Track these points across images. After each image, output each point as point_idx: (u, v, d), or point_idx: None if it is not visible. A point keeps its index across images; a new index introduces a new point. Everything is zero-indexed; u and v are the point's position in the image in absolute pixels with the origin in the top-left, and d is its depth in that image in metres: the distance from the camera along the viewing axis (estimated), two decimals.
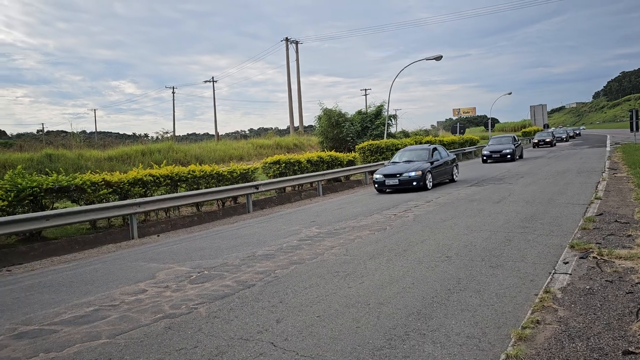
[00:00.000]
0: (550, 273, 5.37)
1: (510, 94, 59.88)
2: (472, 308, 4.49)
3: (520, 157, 27.82)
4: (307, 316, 4.60)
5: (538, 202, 10.74)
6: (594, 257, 5.77)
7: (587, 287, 4.79)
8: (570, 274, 5.23)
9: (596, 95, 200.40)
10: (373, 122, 28.73)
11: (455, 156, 19.42)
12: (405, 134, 33.03)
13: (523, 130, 61.03)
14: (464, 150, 33.63)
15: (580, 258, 5.81)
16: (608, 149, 29.94)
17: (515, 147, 26.74)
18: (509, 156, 25.78)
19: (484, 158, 26.50)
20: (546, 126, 69.17)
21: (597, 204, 9.66)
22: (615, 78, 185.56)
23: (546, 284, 4.99)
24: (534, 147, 41.02)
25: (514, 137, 28.97)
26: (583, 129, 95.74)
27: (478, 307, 4.50)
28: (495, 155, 26.14)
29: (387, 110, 28.31)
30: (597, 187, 12.42)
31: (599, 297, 4.48)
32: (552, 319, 4.02)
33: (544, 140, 40.98)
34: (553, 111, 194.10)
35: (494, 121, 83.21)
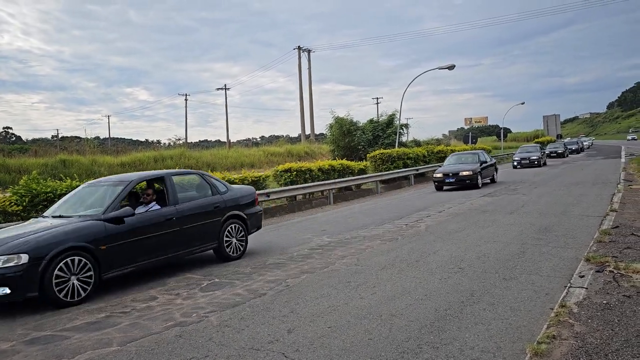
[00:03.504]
0: (565, 287, 5.27)
1: (523, 103, 59.64)
2: (486, 321, 4.42)
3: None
4: (319, 327, 4.56)
5: (552, 214, 10.61)
6: (610, 271, 5.66)
7: (604, 301, 4.69)
8: (587, 288, 5.14)
9: (610, 106, 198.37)
10: (384, 130, 28.67)
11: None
12: (417, 143, 32.87)
13: (536, 140, 60.51)
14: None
15: (596, 272, 5.71)
16: (623, 160, 29.59)
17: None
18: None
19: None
20: (559, 136, 68.53)
21: (612, 216, 9.51)
22: (630, 88, 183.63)
23: (562, 297, 4.90)
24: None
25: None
26: (593, 139, 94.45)
27: (492, 321, 4.43)
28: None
29: (399, 119, 28.26)
30: (612, 199, 12.24)
31: (617, 312, 4.39)
32: (568, 334, 3.94)
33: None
34: (566, 121, 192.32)
35: (506, 131, 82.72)
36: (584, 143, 62.29)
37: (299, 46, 55.02)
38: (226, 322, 4.87)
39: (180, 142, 50.95)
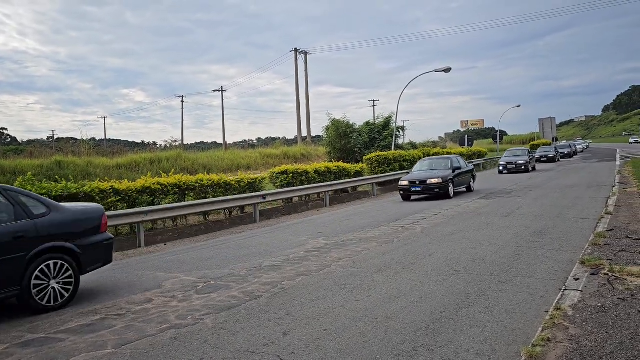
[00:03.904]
0: (560, 289, 5.29)
1: (519, 106, 59.34)
2: (482, 324, 4.43)
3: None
4: (314, 329, 4.55)
5: (547, 217, 10.64)
6: (605, 274, 5.69)
7: (599, 304, 4.71)
8: (581, 291, 5.15)
9: (606, 109, 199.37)
10: (381, 133, 28.70)
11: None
12: (413, 146, 32.92)
13: (532, 143, 60.68)
14: (472, 162, 33.51)
15: (591, 274, 5.73)
16: (618, 163, 29.71)
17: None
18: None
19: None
20: (555, 139, 68.78)
21: (607, 219, 9.55)
22: (625, 92, 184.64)
23: (557, 300, 4.92)
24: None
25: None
26: (590, 142, 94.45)
27: (487, 323, 4.43)
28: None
29: (396, 122, 28.31)
30: (607, 202, 12.29)
31: (611, 315, 4.40)
32: (563, 337, 3.95)
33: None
34: (562, 124, 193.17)
35: (502, 134, 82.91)
36: (578, 146, 59.55)
37: (295, 48, 55.03)
38: (221, 325, 4.86)
39: (177, 143, 50.77)
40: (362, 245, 8.76)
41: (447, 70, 25.47)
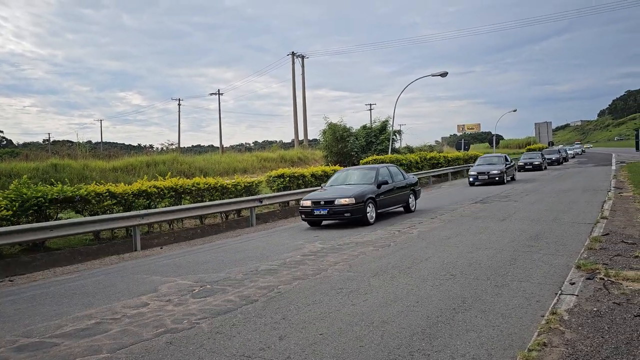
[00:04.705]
0: (556, 294, 5.30)
1: (515, 111, 59.67)
2: (478, 328, 4.43)
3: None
4: (310, 334, 4.54)
5: (543, 221, 10.67)
6: (600, 278, 5.70)
7: (595, 309, 4.72)
8: (577, 295, 5.17)
9: (601, 114, 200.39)
10: (378, 137, 28.79)
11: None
12: (410, 150, 33.03)
13: (528, 147, 60.88)
14: (469, 166, 33.50)
15: (586, 279, 5.74)
16: (613, 167, 29.84)
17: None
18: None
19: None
20: (551, 144, 69.07)
21: (603, 223, 9.59)
22: (620, 96, 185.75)
23: (553, 305, 4.92)
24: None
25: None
26: (591, 146, 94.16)
27: (484, 328, 4.44)
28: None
29: (392, 126, 28.39)
30: (603, 206, 12.33)
31: (607, 319, 4.41)
32: (559, 342, 3.95)
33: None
34: (558, 129, 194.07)
35: (499, 138, 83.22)
36: (569, 151, 55.19)
37: (292, 52, 55.12)
38: (217, 329, 4.84)
39: (173, 147, 50.66)
40: (359, 249, 8.76)
41: (444, 74, 25.56)
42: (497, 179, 22.12)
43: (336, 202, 11.74)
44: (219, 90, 69.27)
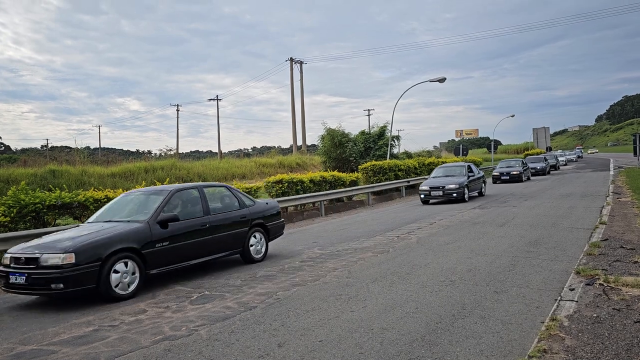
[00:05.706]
0: (556, 300, 5.29)
1: (513, 116, 60.16)
2: (477, 335, 4.41)
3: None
4: (309, 340, 4.52)
5: (542, 226, 10.67)
6: (600, 284, 5.69)
7: (594, 315, 4.71)
8: (577, 301, 5.16)
9: (599, 119, 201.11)
10: (376, 142, 28.78)
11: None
12: (408, 155, 33.01)
13: (526, 152, 60.98)
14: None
15: (586, 285, 5.74)
16: (611, 172, 29.90)
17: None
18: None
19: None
20: (549, 149, 69.25)
21: (602, 229, 9.59)
22: (618, 102, 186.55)
23: (552, 311, 4.91)
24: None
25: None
26: (597, 151, 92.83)
27: (483, 334, 4.42)
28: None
29: (390, 131, 28.40)
30: (601, 211, 12.34)
31: (607, 325, 4.40)
32: (559, 348, 3.94)
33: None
34: (556, 134, 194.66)
35: (497, 143, 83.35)
36: (560, 158, 49.65)
37: (291, 58, 55.28)
38: (216, 336, 4.82)
39: (172, 152, 50.75)
40: (358, 255, 8.74)
41: (442, 80, 25.63)
42: (454, 195, 17.97)
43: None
44: (217, 96, 69.36)
